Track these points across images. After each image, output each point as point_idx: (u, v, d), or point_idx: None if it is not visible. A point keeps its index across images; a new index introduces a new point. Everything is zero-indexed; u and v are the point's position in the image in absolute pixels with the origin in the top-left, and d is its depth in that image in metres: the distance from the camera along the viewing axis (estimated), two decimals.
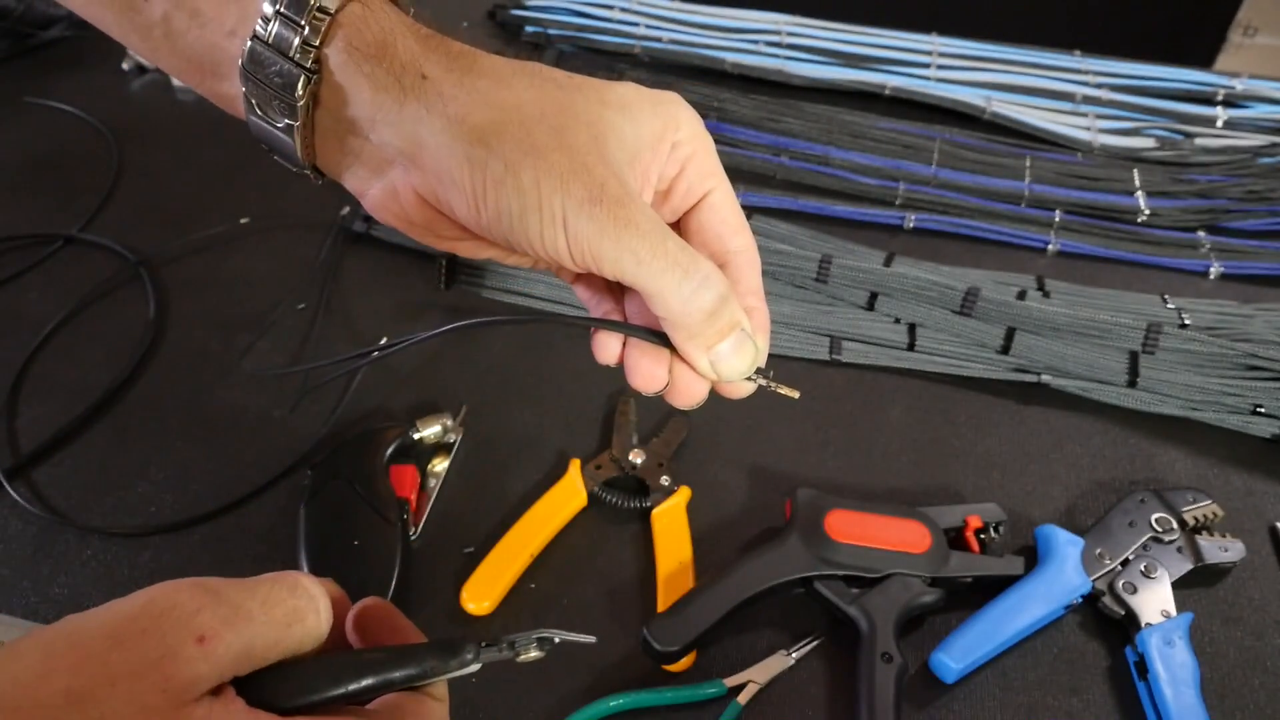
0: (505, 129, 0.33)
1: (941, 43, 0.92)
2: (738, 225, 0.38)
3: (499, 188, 0.33)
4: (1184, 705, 0.47)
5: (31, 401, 0.63)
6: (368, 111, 0.34)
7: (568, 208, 0.32)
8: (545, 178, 0.32)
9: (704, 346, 0.35)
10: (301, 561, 0.52)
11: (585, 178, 0.33)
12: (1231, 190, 0.78)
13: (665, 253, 0.33)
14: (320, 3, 0.33)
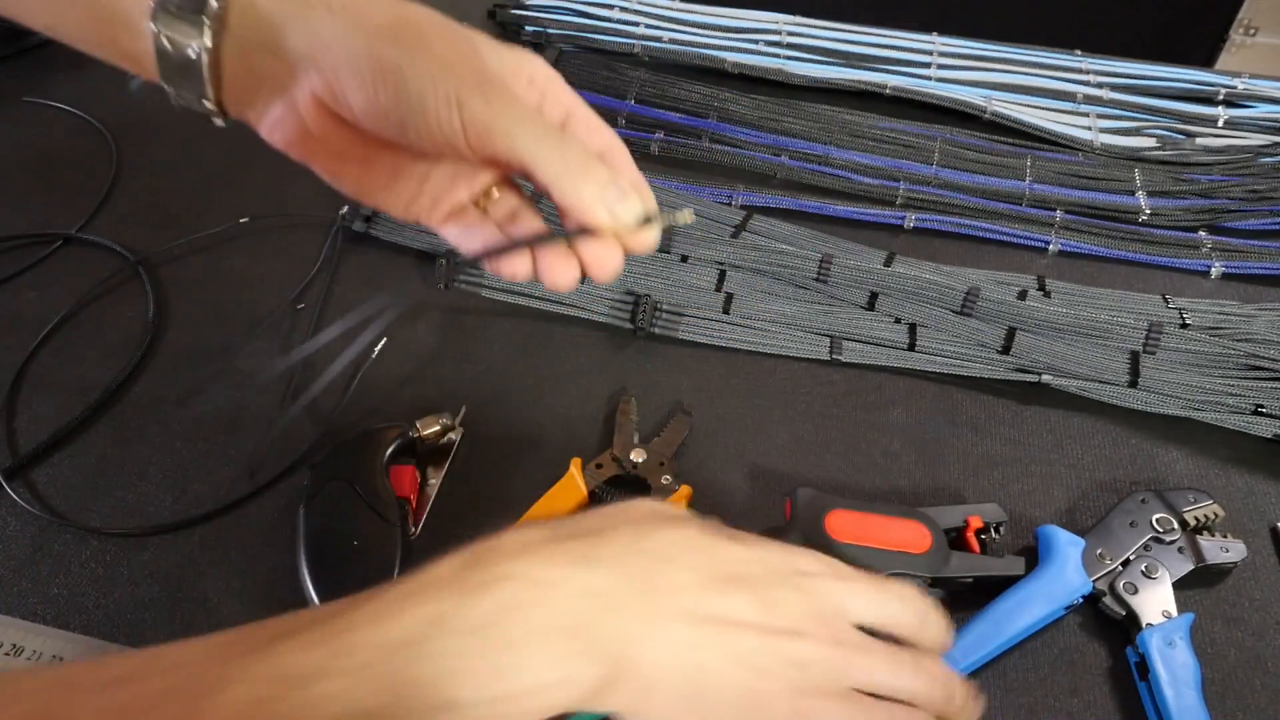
0: (403, 29, 0.37)
1: (942, 42, 0.92)
2: (600, 126, 0.43)
3: (399, 75, 0.36)
4: (1185, 706, 0.47)
5: (30, 401, 0.63)
6: (277, 22, 0.38)
7: (462, 88, 0.37)
8: (439, 67, 0.37)
9: (597, 196, 0.38)
10: (301, 562, 0.52)
11: (473, 68, 0.38)
12: (1233, 190, 0.77)
13: (545, 126, 0.38)
14: None
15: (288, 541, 0.54)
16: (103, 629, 0.52)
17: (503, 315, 0.68)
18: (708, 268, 0.69)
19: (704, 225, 0.73)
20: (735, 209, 0.75)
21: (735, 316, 0.67)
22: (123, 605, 0.53)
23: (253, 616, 0.52)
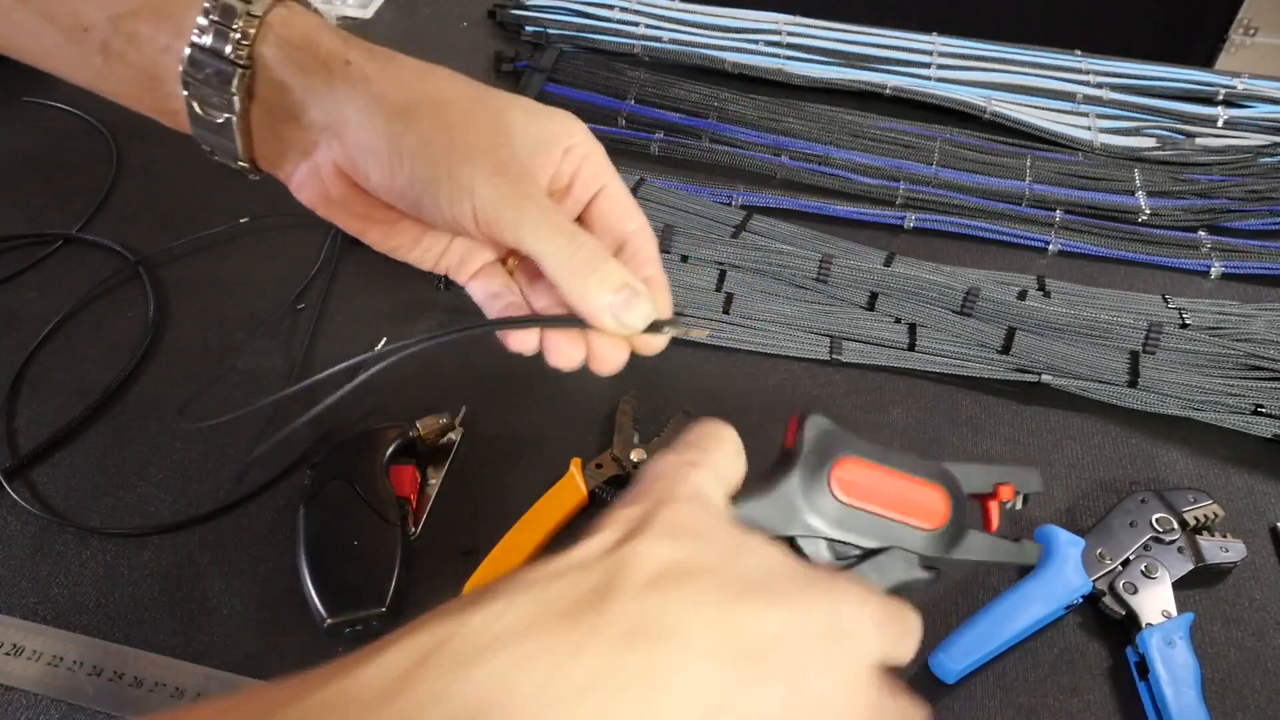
0: (422, 108, 0.37)
1: (942, 42, 0.92)
2: (632, 210, 0.42)
3: (414, 157, 0.37)
4: (1185, 706, 0.47)
5: (30, 401, 0.63)
6: (299, 96, 0.38)
7: (475, 177, 0.36)
8: (456, 151, 0.37)
9: (603, 304, 0.38)
10: (301, 562, 0.52)
11: (491, 155, 0.37)
12: (1232, 190, 0.77)
13: (556, 223, 0.37)
14: (248, 9, 0.37)
15: (288, 541, 0.54)
16: (103, 629, 0.52)
17: None
18: (708, 268, 0.69)
19: (704, 225, 0.73)
20: (735, 209, 0.75)
21: (735, 316, 0.67)
22: (123, 605, 0.53)
23: (253, 616, 0.52)
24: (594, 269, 0.37)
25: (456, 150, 0.37)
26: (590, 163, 0.41)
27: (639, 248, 0.42)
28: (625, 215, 0.42)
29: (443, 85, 0.39)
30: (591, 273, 0.37)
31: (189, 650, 0.51)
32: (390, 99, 0.37)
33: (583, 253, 0.37)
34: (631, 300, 0.38)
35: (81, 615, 0.52)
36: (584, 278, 0.37)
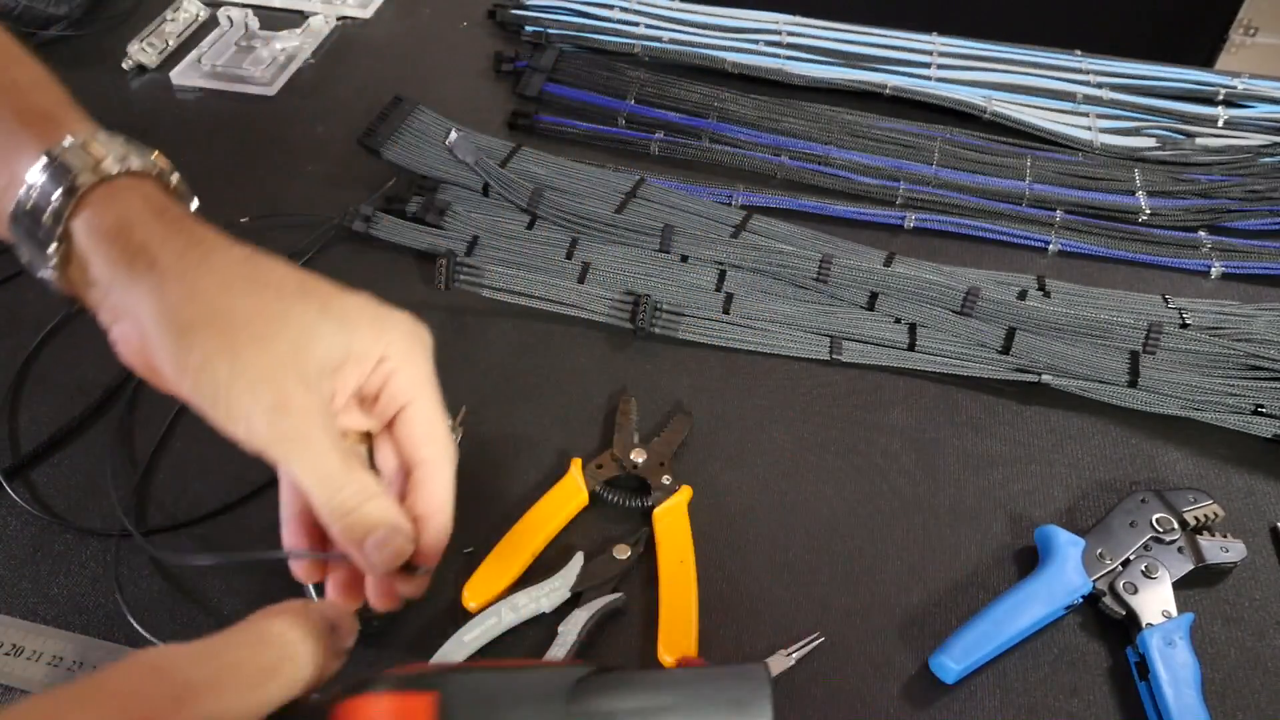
0: (212, 327, 0.36)
1: (942, 42, 0.92)
2: (430, 435, 0.41)
3: (197, 375, 0.36)
4: (1185, 706, 0.47)
5: (31, 401, 0.63)
6: (104, 281, 0.38)
7: (253, 409, 0.36)
8: (238, 379, 0.36)
9: (353, 541, 0.38)
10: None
11: (273, 386, 0.36)
12: (1233, 190, 0.77)
13: (323, 463, 0.37)
14: (72, 182, 0.37)
15: None
16: (102, 629, 0.52)
17: (503, 315, 0.68)
18: (708, 268, 0.69)
19: (704, 225, 0.73)
20: (735, 209, 0.75)
21: (735, 316, 0.67)
22: (123, 605, 0.53)
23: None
24: (353, 508, 0.37)
25: (238, 378, 0.36)
26: (398, 379, 0.40)
27: (426, 478, 0.41)
28: (422, 440, 0.41)
29: (241, 303, 0.37)
30: (350, 512, 0.37)
31: None
32: (180, 314, 0.37)
33: (344, 493, 0.37)
34: (386, 539, 0.38)
35: (81, 615, 0.52)
36: (343, 517, 0.37)
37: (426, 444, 0.41)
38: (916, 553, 0.56)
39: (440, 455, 0.42)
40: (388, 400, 0.41)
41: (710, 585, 0.54)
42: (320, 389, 0.38)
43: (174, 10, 0.94)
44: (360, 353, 0.39)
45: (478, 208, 0.74)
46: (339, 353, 0.38)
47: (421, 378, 0.41)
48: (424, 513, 0.41)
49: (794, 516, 0.57)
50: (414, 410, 0.41)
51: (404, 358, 0.40)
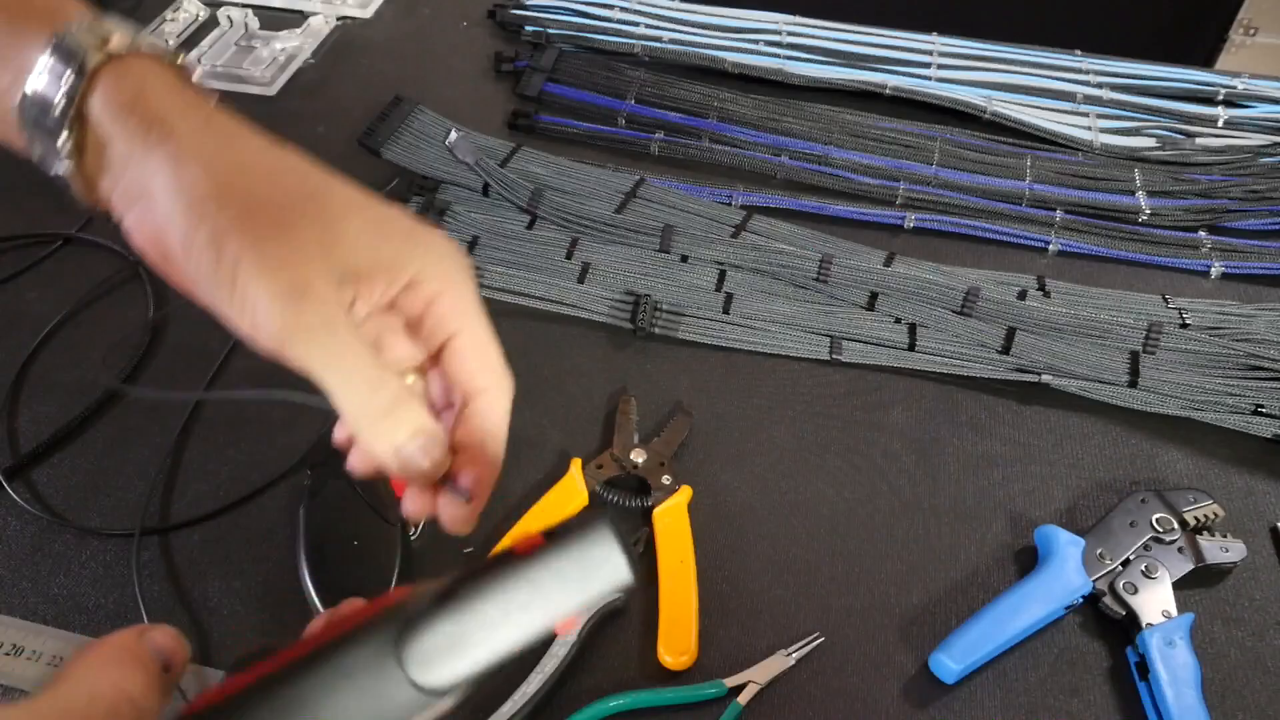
0: (228, 200, 0.33)
1: (942, 42, 0.92)
2: (481, 365, 0.37)
3: (203, 252, 0.33)
4: (1185, 706, 0.47)
5: (31, 401, 0.63)
6: (119, 160, 0.35)
7: (262, 297, 0.32)
8: (247, 260, 0.32)
9: (387, 449, 0.34)
10: (301, 562, 0.52)
11: (290, 271, 0.32)
12: (1233, 190, 0.77)
13: (354, 363, 0.33)
14: (83, 61, 0.34)
15: (288, 541, 0.54)
16: (102, 629, 0.52)
17: (503, 315, 0.68)
18: (708, 268, 0.69)
19: (704, 225, 0.73)
20: (735, 209, 0.75)
21: (735, 316, 0.67)
22: (123, 605, 0.53)
23: (253, 616, 0.52)
24: (383, 414, 0.34)
25: (248, 258, 0.32)
26: (441, 306, 0.36)
27: (480, 408, 0.37)
28: (475, 370, 0.37)
29: (267, 176, 0.34)
30: (381, 418, 0.34)
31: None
32: (194, 188, 0.33)
33: (377, 396, 0.33)
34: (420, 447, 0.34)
35: (81, 615, 0.52)
36: (373, 423, 0.34)
37: (480, 373, 0.37)
38: (916, 553, 0.56)
39: (495, 383, 0.38)
40: (432, 331, 0.37)
41: (710, 585, 0.54)
42: (344, 289, 0.34)
43: (174, 10, 0.94)
44: (389, 264, 0.35)
45: (478, 208, 0.74)
46: (365, 257, 0.34)
47: (466, 304, 0.37)
48: (476, 440, 0.37)
49: (794, 516, 0.57)
50: (463, 340, 0.37)
51: (444, 282, 0.36)
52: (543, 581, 0.25)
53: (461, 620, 0.24)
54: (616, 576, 0.26)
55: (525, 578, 0.25)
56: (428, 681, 0.24)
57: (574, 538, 0.26)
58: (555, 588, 0.25)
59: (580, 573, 0.25)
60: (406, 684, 0.23)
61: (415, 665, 0.24)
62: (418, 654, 0.24)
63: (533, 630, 0.25)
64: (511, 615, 0.25)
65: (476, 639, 0.24)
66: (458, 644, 0.24)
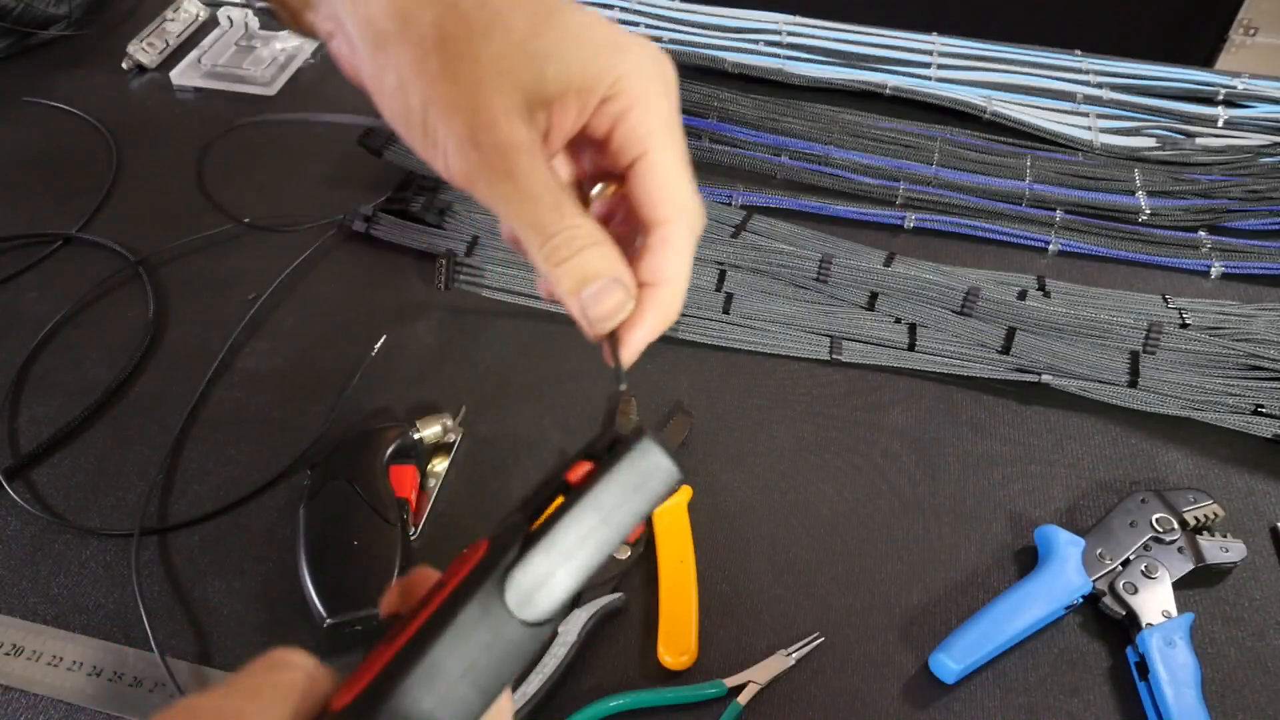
0: (405, 43, 0.31)
1: (942, 42, 0.92)
2: (667, 195, 0.34)
3: (392, 99, 0.32)
4: (1185, 706, 0.47)
5: (31, 401, 0.63)
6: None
7: (449, 140, 0.31)
8: (433, 104, 0.31)
9: (568, 292, 0.33)
10: (301, 562, 0.52)
11: (469, 115, 0.31)
12: (1233, 190, 0.77)
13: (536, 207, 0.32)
14: None
15: (288, 541, 0.54)
16: (103, 629, 0.52)
17: (503, 315, 0.68)
18: (708, 268, 0.69)
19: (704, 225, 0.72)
20: (735, 209, 0.75)
21: (735, 316, 0.67)
22: (123, 605, 0.53)
23: (253, 616, 0.52)
24: (568, 256, 0.32)
25: (433, 103, 0.31)
26: (632, 122, 0.33)
27: (661, 242, 0.34)
28: (660, 199, 0.34)
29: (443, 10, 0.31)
30: (564, 260, 0.32)
31: (189, 650, 0.51)
32: (376, 25, 0.31)
33: (559, 238, 0.32)
34: (604, 291, 0.33)
35: (81, 615, 0.52)
36: (556, 265, 0.32)
37: (664, 203, 0.34)
38: (916, 553, 0.56)
39: (680, 216, 0.34)
40: (618, 151, 0.34)
41: (710, 585, 0.54)
42: (531, 120, 0.32)
43: (174, 10, 0.94)
44: (584, 83, 0.32)
45: (478, 208, 0.74)
46: (556, 80, 0.32)
47: (661, 122, 0.33)
48: (652, 280, 0.34)
49: (794, 516, 0.57)
50: (650, 162, 0.33)
51: (640, 95, 0.33)
52: (607, 505, 0.28)
53: (548, 557, 0.27)
54: (669, 481, 0.29)
55: (592, 505, 0.28)
56: (535, 617, 0.27)
57: (623, 459, 0.28)
58: (619, 507, 0.28)
59: (636, 487, 0.28)
60: (519, 625, 0.27)
61: (521, 607, 0.27)
62: (520, 597, 0.27)
63: (608, 548, 0.28)
64: (588, 542, 0.28)
65: (564, 570, 0.27)
66: (549, 578, 0.27)
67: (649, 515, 0.30)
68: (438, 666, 0.26)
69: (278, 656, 0.28)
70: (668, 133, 0.34)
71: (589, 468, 0.29)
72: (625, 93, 0.33)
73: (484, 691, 0.26)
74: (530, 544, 0.27)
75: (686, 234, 0.34)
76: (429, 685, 0.26)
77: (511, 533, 0.28)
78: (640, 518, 0.29)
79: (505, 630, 0.27)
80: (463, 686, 0.26)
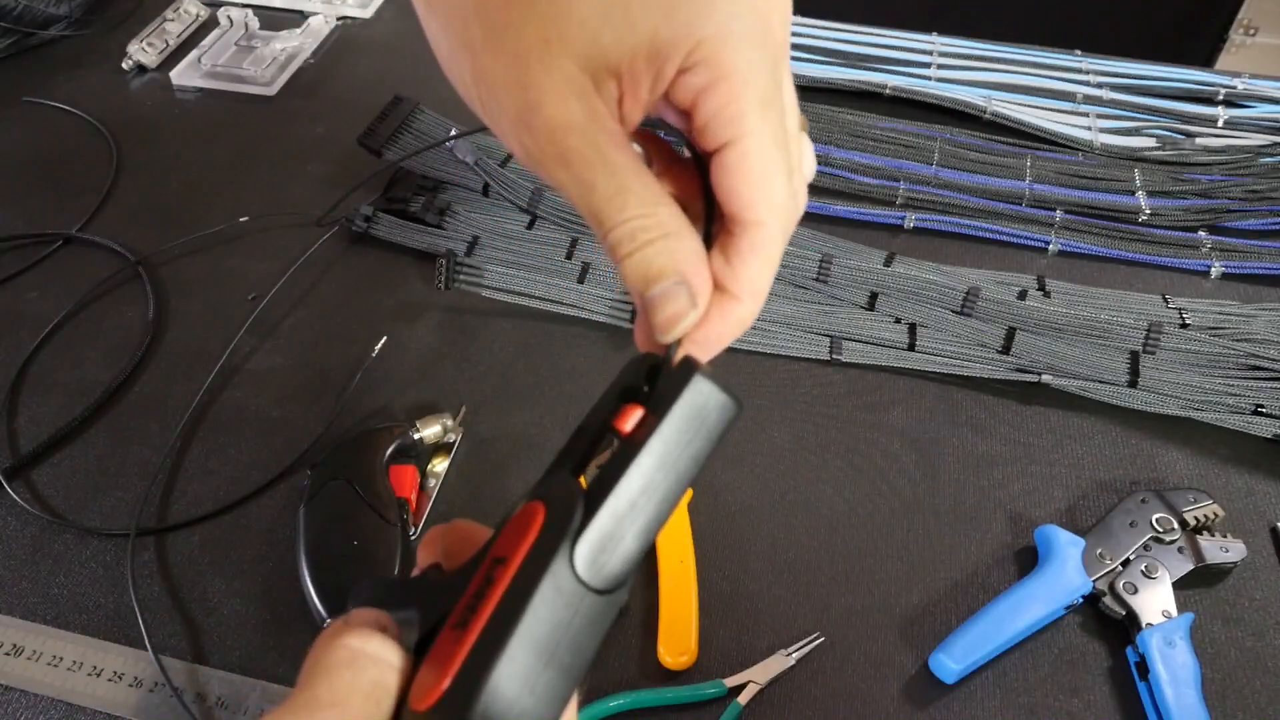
0: (452, 13, 0.27)
1: (942, 42, 0.92)
2: (760, 197, 0.28)
3: (448, 70, 0.29)
4: (1185, 706, 0.47)
5: (31, 401, 0.63)
6: None
7: (502, 120, 0.28)
8: (481, 80, 0.27)
9: (633, 286, 0.28)
10: (301, 562, 0.52)
11: (517, 93, 0.26)
12: (1232, 190, 0.77)
13: (594, 192, 0.27)
14: None
15: (288, 541, 0.54)
16: (103, 629, 0.52)
17: (503, 315, 0.68)
18: None
19: None
20: None
21: None
22: (123, 605, 0.53)
23: (253, 616, 0.52)
24: (633, 249, 0.28)
25: (481, 80, 0.27)
26: (714, 98, 0.27)
27: (751, 248, 0.28)
28: (750, 200, 0.28)
29: None
30: (629, 253, 0.28)
31: (189, 650, 0.51)
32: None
33: (622, 228, 0.27)
34: (667, 295, 0.28)
35: (81, 615, 0.52)
36: (621, 257, 0.28)
37: (757, 204, 0.28)
38: (916, 553, 0.56)
39: (774, 218, 0.28)
40: (701, 130, 0.28)
41: (710, 585, 0.54)
42: (593, 92, 0.27)
43: (174, 10, 0.94)
44: (654, 49, 0.26)
45: (478, 208, 0.74)
46: (617, 46, 0.26)
47: (755, 100, 0.27)
48: (733, 290, 0.29)
49: (794, 516, 0.57)
50: (740, 153, 0.27)
51: (728, 68, 0.26)
52: (669, 453, 0.26)
53: (615, 518, 0.25)
54: (729, 414, 0.26)
55: (653, 456, 0.26)
56: (608, 584, 0.25)
57: (678, 401, 0.26)
58: (682, 453, 0.26)
59: (696, 429, 0.26)
60: (595, 596, 0.25)
61: (594, 576, 0.25)
62: (591, 565, 0.25)
63: (675, 499, 0.26)
64: (654, 496, 0.26)
65: (632, 530, 0.25)
66: (619, 541, 0.25)
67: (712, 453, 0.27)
68: (522, 656, 0.24)
69: (355, 647, 0.25)
70: (763, 114, 0.27)
71: (639, 413, 0.26)
72: (708, 63, 0.26)
73: (570, 671, 0.25)
74: (593, 506, 0.25)
75: (779, 239, 0.29)
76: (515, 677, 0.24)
77: (567, 494, 0.26)
78: (704, 460, 0.26)
79: (583, 605, 0.25)
80: (549, 672, 0.25)
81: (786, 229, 0.29)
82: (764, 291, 0.29)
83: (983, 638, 0.50)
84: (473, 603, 0.25)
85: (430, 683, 0.25)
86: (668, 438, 0.26)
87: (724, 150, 0.28)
